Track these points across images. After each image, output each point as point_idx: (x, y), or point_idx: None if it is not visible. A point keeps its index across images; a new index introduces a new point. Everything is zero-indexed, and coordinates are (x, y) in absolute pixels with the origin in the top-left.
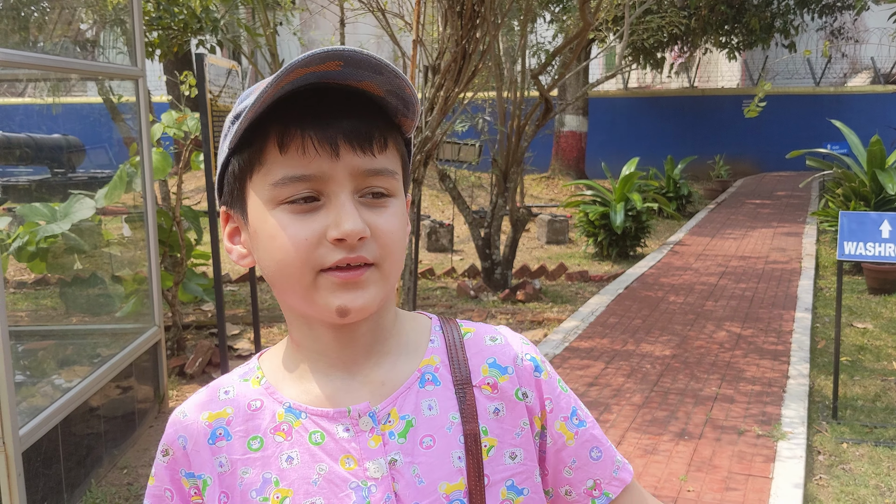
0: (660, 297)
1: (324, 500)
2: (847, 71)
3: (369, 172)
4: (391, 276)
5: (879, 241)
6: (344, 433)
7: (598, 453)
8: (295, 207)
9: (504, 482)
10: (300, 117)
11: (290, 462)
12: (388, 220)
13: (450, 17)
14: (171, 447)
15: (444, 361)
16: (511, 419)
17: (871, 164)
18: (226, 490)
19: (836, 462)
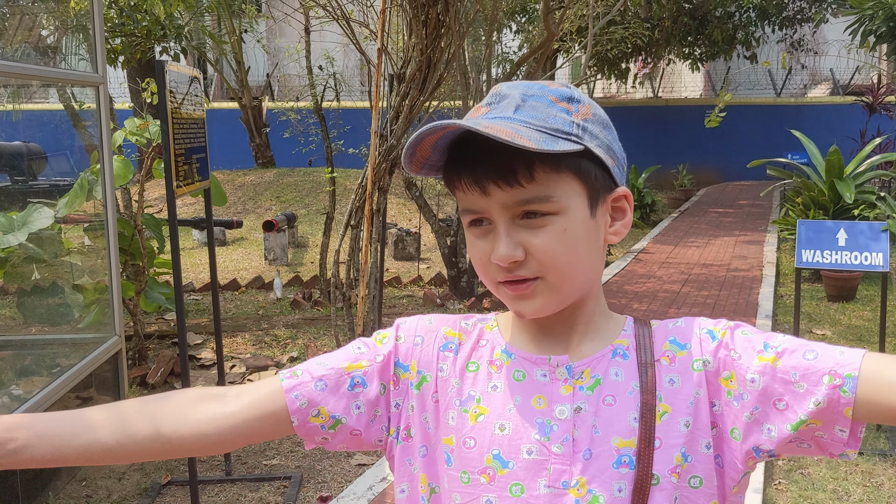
0: (623, 305)
1: (512, 425)
2: (807, 82)
3: (519, 202)
4: (562, 285)
5: (836, 249)
6: (541, 377)
7: (813, 353)
8: (474, 230)
9: (679, 448)
10: (457, 160)
11: (494, 390)
12: (543, 238)
13: (414, 26)
14: (405, 336)
15: (633, 345)
16: (685, 390)
17: (830, 173)
18: (439, 391)
19: (794, 467)
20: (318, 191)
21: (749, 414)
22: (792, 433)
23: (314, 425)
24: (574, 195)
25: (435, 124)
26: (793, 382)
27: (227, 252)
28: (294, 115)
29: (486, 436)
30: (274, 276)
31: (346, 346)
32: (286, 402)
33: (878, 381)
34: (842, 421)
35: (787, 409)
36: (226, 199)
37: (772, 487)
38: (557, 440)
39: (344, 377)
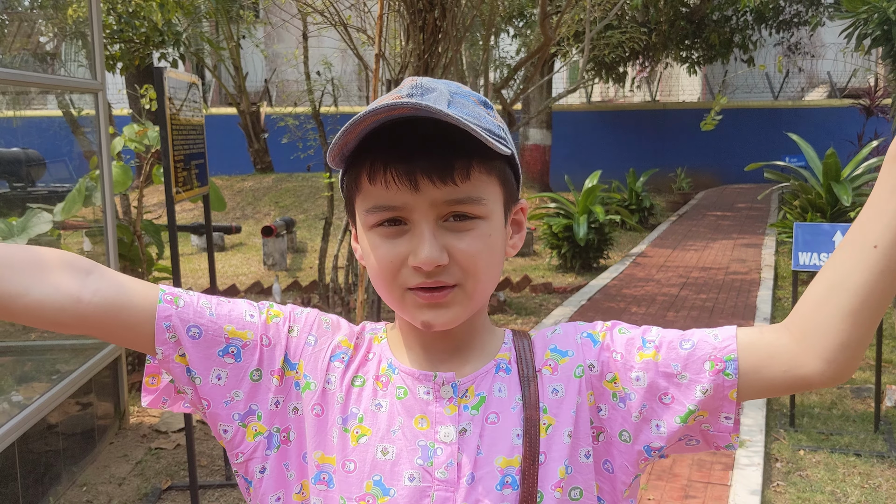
0: (622, 308)
1: (396, 448)
2: (804, 85)
3: (451, 202)
4: (476, 294)
5: (832, 252)
6: (424, 395)
7: (689, 342)
8: (383, 231)
9: (562, 460)
10: (386, 151)
11: (378, 408)
12: (469, 243)
13: (412, 31)
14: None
15: (514, 358)
16: (568, 399)
17: (827, 176)
18: (322, 404)
19: (793, 469)
20: (316, 196)
21: (638, 413)
22: (681, 425)
23: (179, 366)
24: (497, 201)
25: (390, 102)
26: (675, 374)
27: (226, 257)
28: (292, 120)
29: (368, 459)
30: (273, 282)
31: (235, 302)
32: (155, 330)
33: (753, 355)
34: (727, 406)
35: (674, 401)
36: (225, 204)
37: (770, 490)
38: (441, 465)
39: (220, 339)
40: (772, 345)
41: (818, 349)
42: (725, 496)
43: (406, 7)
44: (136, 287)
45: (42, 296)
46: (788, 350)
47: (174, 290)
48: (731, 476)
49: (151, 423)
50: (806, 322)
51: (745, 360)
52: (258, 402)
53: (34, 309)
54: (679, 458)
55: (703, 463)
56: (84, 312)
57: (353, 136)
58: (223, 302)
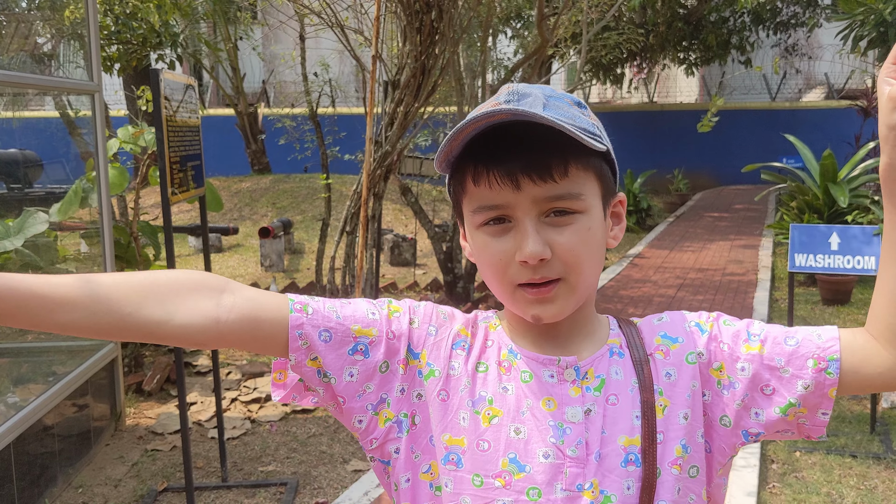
0: (619, 310)
1: (527, 428)
2: (802, 86)
3: (551, 198)
4: (580, 286)
5: (829, 253)
6: (549, 378)
7: (794, 339)
8: (490, 230)
9: (679, 440)
10: (488, 154)
11: (504, 391)
12: (569, 237)
13: (409, 32)
14: (419, 322)
15: (624, 343)
16: (682, 382)
17: (824, 177)
18: (447, 389)
19: (789, 470)
20: (313, 197)
21: (740, 401)
22: (780, 416)
23: (311, 370)
24: (595, 196)
25: (489, 109)
26: (779, 368)
27: (224, 258)
28: (290, 121)
29: (502, 438)
30: (270, 283)
31: (356, 302)
32: (288, 338)
33: (853, 356)
34: (825, 403)
35: (775, 393)
36: (222, 205)
37: (766, 491)
38: (572, 444)
39: (349, 339)
40: (866, 348)
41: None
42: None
43: (403, 9)
44: (268, 299)
45: (185, 321)
46: (881, 354)
47: (302, 298)
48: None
49: (147, 425)
50: (885, 330)
51: (846, 361)
52: (387, 391)
53: (179, 333)
54: None
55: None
56: (223, 331)
57: (458, 143)
58: (346, 304)
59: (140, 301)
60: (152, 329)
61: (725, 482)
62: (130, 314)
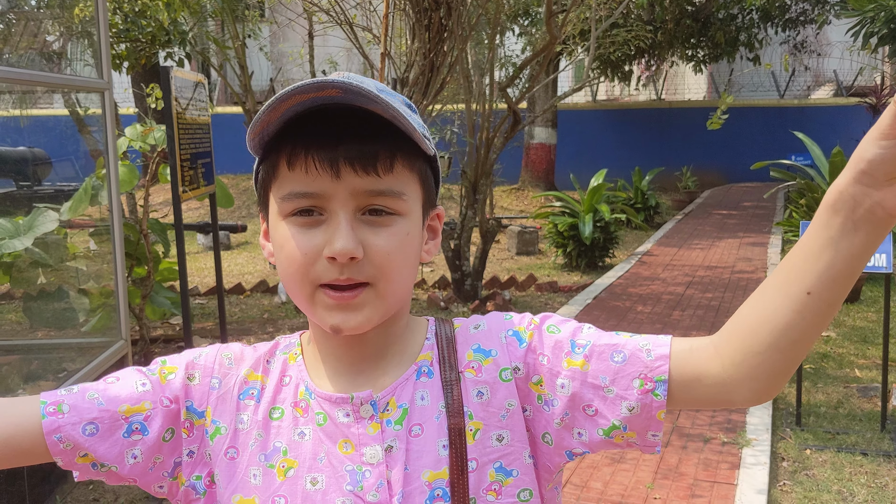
0: (628, 307)
1: (325, 477)
2: (810, 84)
3: (371, 193)
4: (389, 295)
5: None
6: (344, 418)
7: (620, 354)
8: (299, 220)
9: (492, 464)
10: (308, 137)
11: (301, 437)
12: (386, 239)
13: (417, 30)
14: (200, 376)
15: (436, 359)
16: (496, 402)
17: (833, 175)
18: (236, 446)
19: (799, 468)
20: None
21: (560, 420)
22: (603, 438)
23: (84, 465)
24: (417, 201)
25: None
26: (602, 388)
27: (232, 256)
28: None
29: (298, 492)
30: (278, 281)
31: (124, 376)
32: (48, 445)
33: (684, 375)
34: (654, 425)
35: (598, 414)
36: (233, 200)
37: (776, 489)
38: (371, 488)
39: (120, 422)
40: (701, 367)
41: (746, 379)
42: (732, 495)
43: (412, 6)
44: (15, 410)
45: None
46: (717, 375)
47: (56, 396)
48: (738, 475)
49: None
50: (735, 352)
51: (675, 381)
52: (177, 455)
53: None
54: (685, 458)
55: (710, 462)
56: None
57: (277, 115)
58: (111, 384)
59: None
60: None
61: (559, 489)
62: None
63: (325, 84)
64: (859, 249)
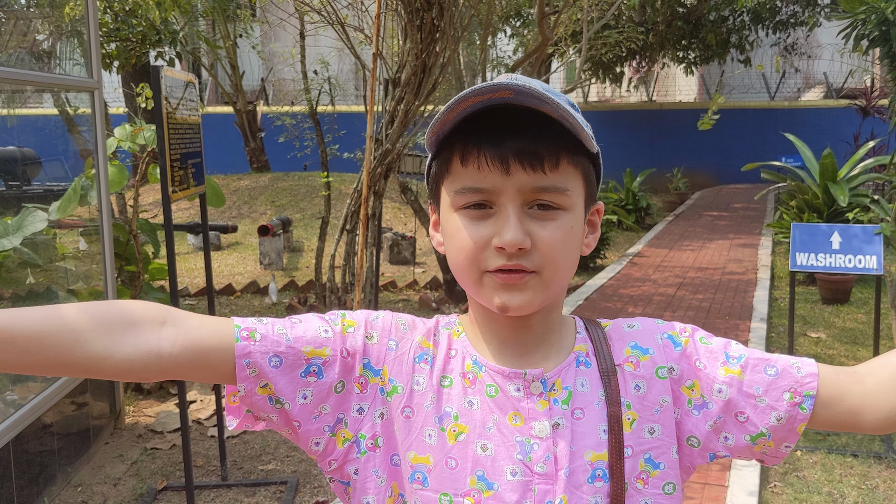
0: (619, 309)
1: (494, 445)
2: (801, 86)
3: (538, 189)
4: (553, 283)
5: (830, 253)
6: (515, 392)
7: (773, 369)
8: (470, 213)
9: (643, 454)
10: (480, 135)
11: (470, 405)
12: (552, 232)
13: (409, 30)
14: (378, 336)
15: (591, 350)
16: (652, 396)
17: (824, 176)
18: (412, 406)
19: (790, 470)
20: (313, 195)
21: (712, 423)
22: (748, 443)
23: (262, 397)
24: (580, 196)
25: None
26: (755, 397)
27: (222, 257)
28: (289, 119)
29: (469, 456)
30: (269, 281)
31: (307, 319)
32: (236, 368)
33: (828, 393)
34: (792, 437)
35: (748, 421)
36: (223, 200)
37: (767, 490)
38: (539, 460)
39: (301, 361)
40: (843, 387)
41: (882, 409)
42: (723, 497)
43: (404, 6)
44: (212, 328)
45: (126, 357)
46: (856, 399)
47: (249, 323)
48: (729, 477)
49: (147, 424)
50: (875, 387)
51: (820, 398)
52: (343, 410)
53: (122, 369)
54: None
55: (701, 465)
56: (166, 365)
57: (454, 115)
58: (296, 323)
59: (77, 338)
60: (92, 366)
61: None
62: (68, 352)
63: (499, 86)
64: None
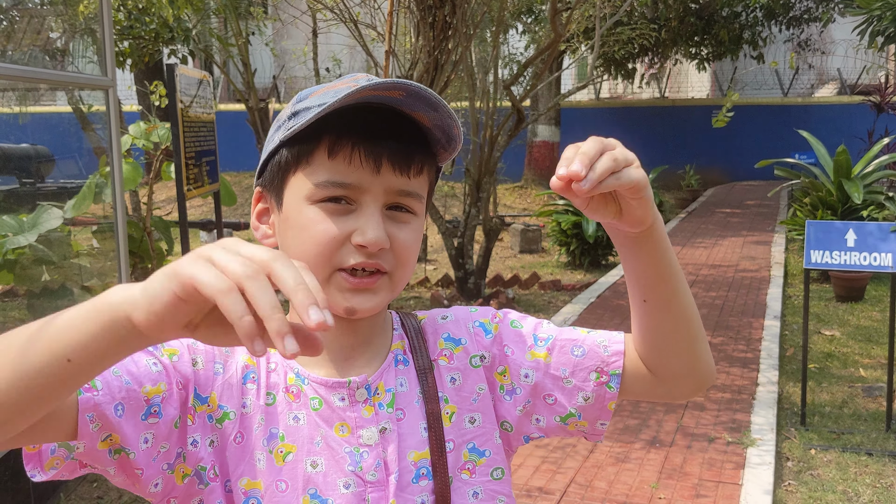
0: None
1: (324, 460)
2: (814, 82)
3: (401, 192)
4: (399, 284)
5: (845, 250)
6: (340, 402)
7: (580, 349)
8: (329, 207)
9: (465, 445)
10: (353, 129)
11: (296, 421)
12: (407, 235)
13: (422, 28)
14: (203, 361)
15: (408, 347)
16: (468, 386)
17: (838, 173)
18: (243, 431)
19: (804, 468)
20: None
21: (522, 408)
22: (560, 424)
23: (102, 451)
24: (424, 203)
25: (389, 80)
26: (562, 378)
27: None
28: None
29: (299, 475)
30: None
31: (137, 356)
32: (78, 424)
33: (632, 371)
34: (604, 415)
35: (556, 403)
36: (235, 198)
37: (781, 489)
38: (370, 468)
39: (141, 403)
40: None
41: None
42: (737, 495)
43: (416, 4)
44: None
45: None
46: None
47: None
48: (743, 475)
49: None
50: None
51: (627, 375)
52: (181, 444)
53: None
54: (690, 457)
55: (714, 462)
56: None
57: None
58: (127, 362)
59: None
60: None
61: None
62: None
63: (394, 85)
64: (643, 261)
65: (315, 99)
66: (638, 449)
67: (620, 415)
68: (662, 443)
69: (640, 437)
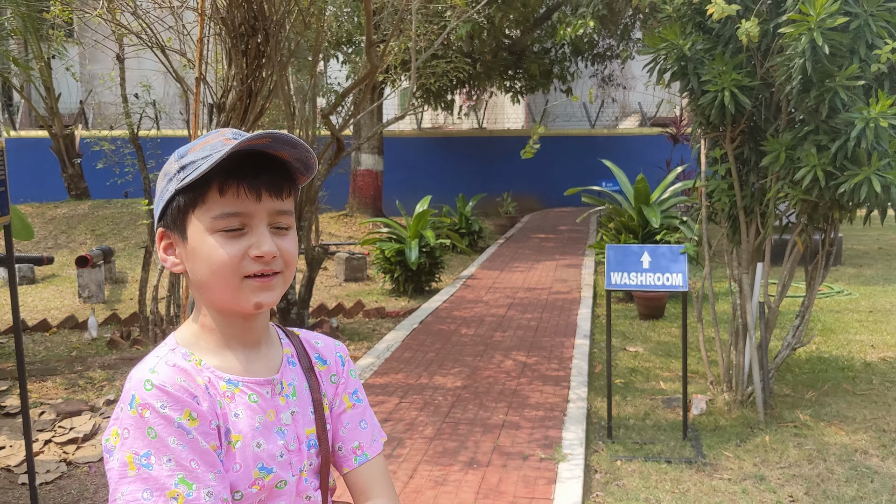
0: (452, 330)
1: (263, 439)
2: (618, 114)
3: (279, 212)
4: (289, 281)
5: (641, 271)
6: (267, 395)
7: (366, 425)
8: (226, 234)
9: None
10: (236, 171)
11: (237, 417)
12: (289, 243)
13: (234, 55)
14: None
15: (294, 353)
16: (328, 392)
17: (638, 199)
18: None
19: (611, 479)
20: (136, 223)
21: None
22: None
23: None
24: (294, 217)
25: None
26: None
27: (37, 290)
28: (109, 144)
29: (249, 455)
30: (88, 315)
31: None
32: None
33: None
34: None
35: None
36: (32, 233)
37: (590, 500)
38: (291, 441)
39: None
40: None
41: None
42: None
43: (227, 31)
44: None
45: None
46: None
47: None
48: (554, 490)
49: None
50: None
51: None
52: None
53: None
54: (505, 476)
55: (528, 479)
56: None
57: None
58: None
59: None
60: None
61: None
62: None
63: (262, 135)
64: None
65: (196, 153)
66: (456, 471)
67: (440, 438)
68: (479, 463)
69: (459, 458)
